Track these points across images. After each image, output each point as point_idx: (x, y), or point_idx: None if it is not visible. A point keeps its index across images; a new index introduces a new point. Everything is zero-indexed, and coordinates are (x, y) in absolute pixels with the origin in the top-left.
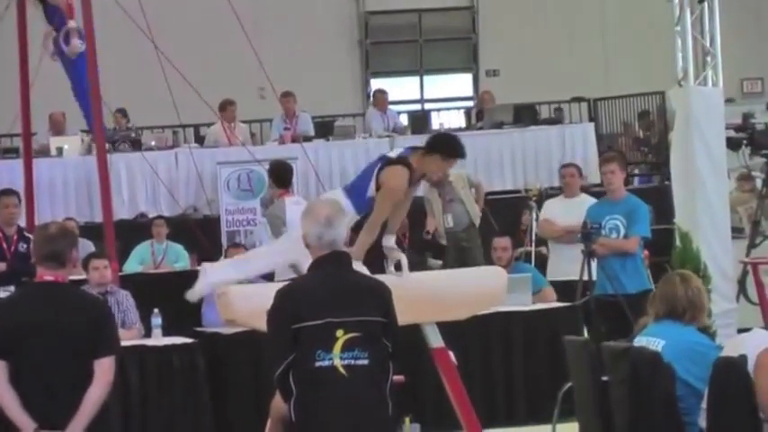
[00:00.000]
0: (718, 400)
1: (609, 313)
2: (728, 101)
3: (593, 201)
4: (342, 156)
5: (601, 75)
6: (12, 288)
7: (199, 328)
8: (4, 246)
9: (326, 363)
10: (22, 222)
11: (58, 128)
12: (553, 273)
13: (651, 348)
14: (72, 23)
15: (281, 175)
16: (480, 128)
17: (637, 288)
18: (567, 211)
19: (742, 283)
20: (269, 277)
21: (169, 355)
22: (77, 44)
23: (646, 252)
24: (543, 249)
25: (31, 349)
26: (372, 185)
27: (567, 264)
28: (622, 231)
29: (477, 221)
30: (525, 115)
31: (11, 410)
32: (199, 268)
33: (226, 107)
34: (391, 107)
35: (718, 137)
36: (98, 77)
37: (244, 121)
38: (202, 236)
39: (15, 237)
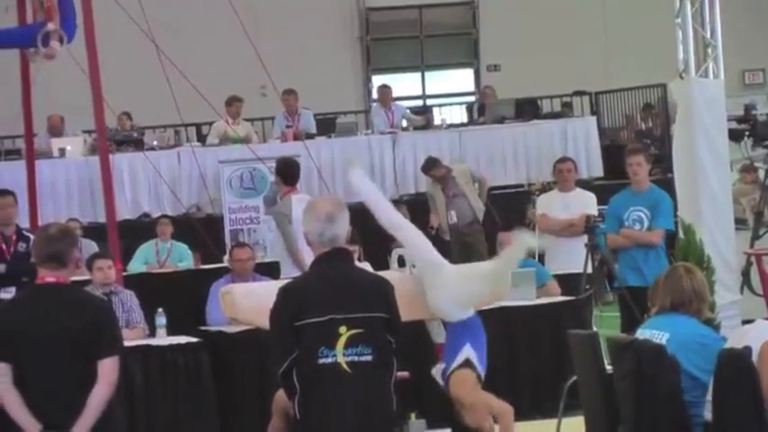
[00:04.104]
0: (723, 392)
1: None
2: (730, 93)
3: (589, 194)
4: (344, 153)
5: (602, 68)
6: (12, 289)
7: (203, 327)
8: (4, 247)
9: (330, 360)
10: (25, 223)
11: (56, 130)
12: (551, 267)
13: (655, 341)
14: (51, 25)
15: (288, 172)
16: (482, 123)
17: None
18: (564, 206)
19: (746, 275)
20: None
21: (173, 355)
22: (56, 46)
23: None
24: None
25: (35, 351)
26: None
27: (565, 257)
28: (646, 223)
29: (481, 216)
30: (527, 110)
31: (16, 412)
32: None
33: (232, 103)
34: (395, 103)
35: (720, 128)
36: (99, 78)
37: (246, 119)
38: (206, 235)
39: (14, 237)
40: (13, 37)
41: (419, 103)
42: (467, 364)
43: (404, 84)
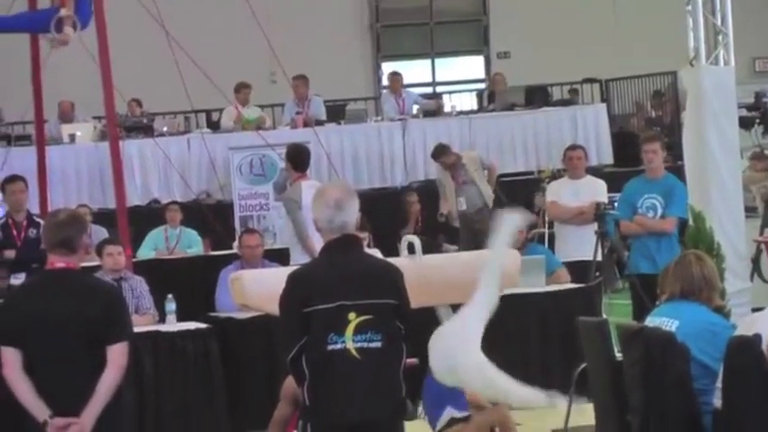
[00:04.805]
0: (733, 380)
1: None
2: (741, 80)
3: (600, 182)
4: (353, 139)
5: (612, 55)
6: (22, 275)
7: (212, 314)
8: (15, 232)
9: (339, 346)
10: (36, 209)
11: (66, 116)
12: (561, 254)
13: (665, 328)
14: (64, 11)
15: (298, 158)
16: (492, 110)
17: None
18: (574, 193)
19: (756, 262)
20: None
21: (183, 341)
22: (70, 32)
23: None
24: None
25: (44, 337)
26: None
27: (575, 245)
28: (660, 211)
29: (490, 203)
30: (537, 97)
31: (25, 398)
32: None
33: (240, 89)
34: (406, 90)
35: (731, 116)
36: (110, 64)
37: (256, 106)
38: (215, 221)
39: (25, 222)
40: (26, 22)
41: (429, 90)
42: (451, 422)
43: (414, 71)
